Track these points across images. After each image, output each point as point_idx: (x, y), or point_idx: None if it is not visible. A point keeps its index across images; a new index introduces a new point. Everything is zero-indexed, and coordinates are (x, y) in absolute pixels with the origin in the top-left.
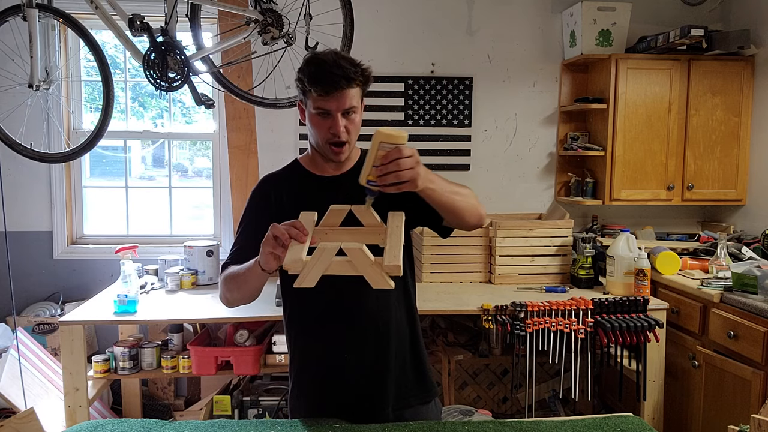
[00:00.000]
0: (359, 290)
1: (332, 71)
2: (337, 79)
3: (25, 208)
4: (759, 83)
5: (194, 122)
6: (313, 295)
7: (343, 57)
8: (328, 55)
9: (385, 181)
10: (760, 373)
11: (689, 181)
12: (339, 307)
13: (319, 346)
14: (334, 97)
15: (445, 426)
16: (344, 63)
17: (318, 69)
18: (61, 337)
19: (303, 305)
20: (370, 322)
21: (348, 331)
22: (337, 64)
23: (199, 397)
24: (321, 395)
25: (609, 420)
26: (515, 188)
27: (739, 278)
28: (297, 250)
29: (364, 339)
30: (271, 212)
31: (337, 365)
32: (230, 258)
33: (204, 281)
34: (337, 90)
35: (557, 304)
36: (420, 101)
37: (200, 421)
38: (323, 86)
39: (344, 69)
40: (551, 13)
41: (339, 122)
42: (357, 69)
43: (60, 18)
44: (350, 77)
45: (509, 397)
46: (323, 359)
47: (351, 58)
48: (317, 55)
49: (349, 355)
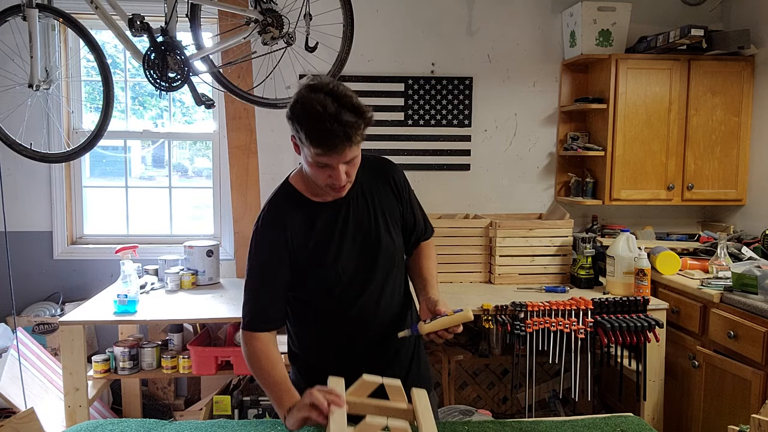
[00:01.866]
0: (361, 300)
1: (333, 130)
2: (339, 141)
3: (25, 208)
4: (759, 83)
5: (194, 122)
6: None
7: (344, 104)
8: (329, 104)
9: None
10: (760, 373)
11: (689, 181)
12: (340, 312)
13: (319, 343)
14: (334, 155)
15: (445, 426)
16: (346, 116)
17: (317, 125)
18: (61, 337)
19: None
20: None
21: (349, 331)
22: (338, 120)
23: (199, 397)
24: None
25: (609, 420)
26: (515, 188)
27: (739, 278)
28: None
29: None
30: (287, 251)
31: (338, 359)
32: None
33: (204, 281)
34: (338, 150)
35: (557, 304)
36: (420, 101)
37: (200, 421)
38: (323, 147)
39: (346, 127)
40: (551, 13)
41: (340, 174)
42: (359, 121)
43: (60, 18)
44: (352, 136)
45: (509, 397)
46: (323, 356)
47: (353, 103)
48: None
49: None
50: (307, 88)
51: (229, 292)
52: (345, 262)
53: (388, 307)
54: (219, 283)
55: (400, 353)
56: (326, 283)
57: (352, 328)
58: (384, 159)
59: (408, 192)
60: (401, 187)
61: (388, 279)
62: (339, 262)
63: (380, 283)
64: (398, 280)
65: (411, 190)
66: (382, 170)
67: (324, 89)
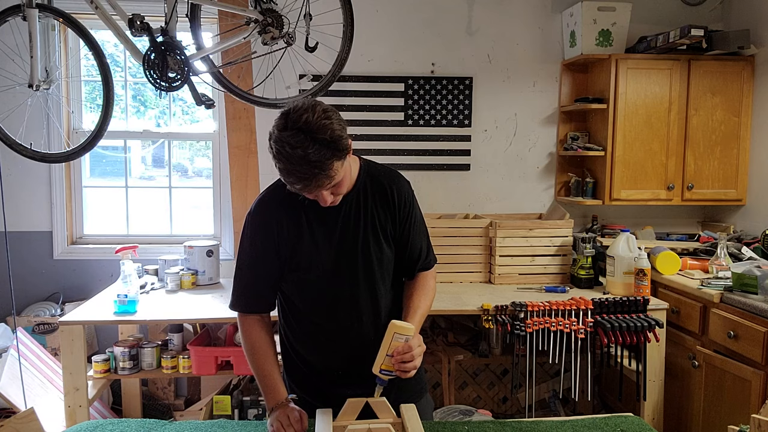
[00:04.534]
0: (352, 296)
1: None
2: (311, 179)
3: (25, 208)
4: (759, 83)
5: (196, 121)
6: (308, 322)
7: (318, 139)
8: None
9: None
10: (760, 373)
11: (689, 181)
12: (332, 314)
13: (310, 347)
14: (312, 189)
15: (445, 426)
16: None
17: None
18: (61, 337)
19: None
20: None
21: (339, 329)
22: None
23: (199, 397)
24: (311, 393)
25: (609, 420)
26: (515, 188)
27: (739, 278)
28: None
29: (357, 338)
30: (274, 241)
31: (328, 365)
32: (239, 295)
33: (204, 281)
34: (313, 185)
35: (557, 304)
36: (420, 101)
37: (200, 421)
38: (298, 186)
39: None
40: (551, 13)
41: (326, 198)
42: (334, 154)
43: (60, 18)
44: (325, 170)
45: (509, 397)
46: (314, 358)
47: (326, 138)
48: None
49: (340, 356)
50: (281, 125)
51: (229, 292)
52: (325, 263)
53: (371, 314)
54: (219, 283)
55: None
56: (306, 281)
57: (332, 330)
58: (394, 172)
59: (409, 209)
60: (401, 201)
61: (369, 286)
62: (319, 263)
63: (360, 288)
64: (383, 290)
65: (415, 211)
66: (385, 181)
67: (297, 124)
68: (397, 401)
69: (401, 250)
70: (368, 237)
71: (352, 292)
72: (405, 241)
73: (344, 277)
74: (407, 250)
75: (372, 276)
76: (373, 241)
